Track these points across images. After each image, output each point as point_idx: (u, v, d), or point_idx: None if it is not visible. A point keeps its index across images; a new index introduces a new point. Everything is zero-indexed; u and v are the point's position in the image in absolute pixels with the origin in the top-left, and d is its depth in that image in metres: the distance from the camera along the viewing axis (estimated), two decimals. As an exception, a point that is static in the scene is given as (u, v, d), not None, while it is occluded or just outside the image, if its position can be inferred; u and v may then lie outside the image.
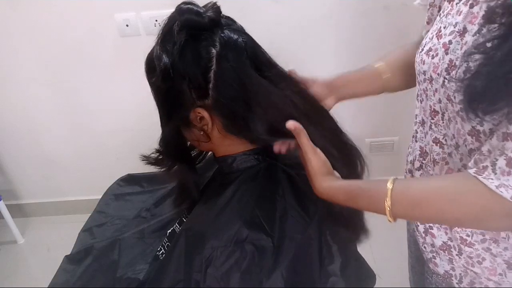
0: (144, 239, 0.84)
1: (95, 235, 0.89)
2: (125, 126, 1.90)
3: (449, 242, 0.72)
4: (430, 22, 0.74)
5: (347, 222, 0.70)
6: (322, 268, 0.66)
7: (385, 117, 1.83)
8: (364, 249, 0.80)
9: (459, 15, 0.61)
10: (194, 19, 0.59)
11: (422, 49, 0.67)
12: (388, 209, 0.57)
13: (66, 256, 0.86)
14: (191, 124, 0.65)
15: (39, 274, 1.90)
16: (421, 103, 0.71)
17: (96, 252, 0.83)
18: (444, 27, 0.63)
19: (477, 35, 0.54)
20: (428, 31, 0.71)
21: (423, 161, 0.75)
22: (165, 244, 0.80)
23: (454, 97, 0.58)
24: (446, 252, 0.73)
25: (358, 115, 1.77)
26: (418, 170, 0.77)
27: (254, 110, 0.62)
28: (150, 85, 0.66)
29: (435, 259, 0.76)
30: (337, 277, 0.65)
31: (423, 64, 0.66)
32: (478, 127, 0.56)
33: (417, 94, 0.73)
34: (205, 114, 0.63)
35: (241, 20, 0.68)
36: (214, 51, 0.59)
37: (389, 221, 0.59)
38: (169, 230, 0.81)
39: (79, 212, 2.00)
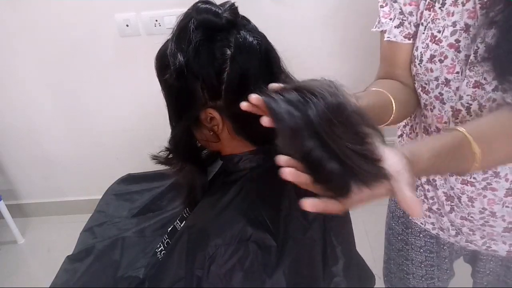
0: (145, 238, 0.84)
1: (96, 234, 0.89)
2: (125, 126, 1.90)
3: None
4: (412, 36, 0.70)
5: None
6: (326, 269, 0.66)
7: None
8: (364, 249, 0.81)
9: (451, 15, 0.62)
10: (211, 20, 0.58)
11: (421, 60, 0.67)
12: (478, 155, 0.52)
13: (68, 257, 0.86)
14: (201, 124, 0.65)
15: (39, 274, 1.90)
16: (431, 111, 0.71)
17: (97, 252, 0.83)
18: (439, 31, 0.64)
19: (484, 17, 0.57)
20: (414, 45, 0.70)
21: None
22: (164, 241, 0.80)
23: (485, 79, 0.60)
24: None
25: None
26: None
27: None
28: (161, 82, 0.65)
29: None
30: (340, 277, 0.65)
31: (432, 71, 0.66)
32: None
33: (424, 104, 0.72)
34: (216, 115, 0.62)
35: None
36: (229, 52, 0.58)
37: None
38: (170, 228, 0.81)
39: (79, 212, 2.01)
